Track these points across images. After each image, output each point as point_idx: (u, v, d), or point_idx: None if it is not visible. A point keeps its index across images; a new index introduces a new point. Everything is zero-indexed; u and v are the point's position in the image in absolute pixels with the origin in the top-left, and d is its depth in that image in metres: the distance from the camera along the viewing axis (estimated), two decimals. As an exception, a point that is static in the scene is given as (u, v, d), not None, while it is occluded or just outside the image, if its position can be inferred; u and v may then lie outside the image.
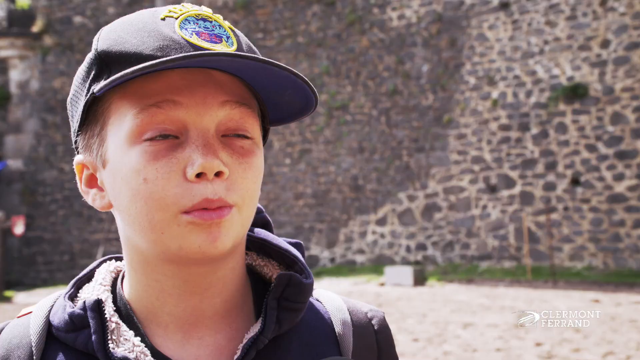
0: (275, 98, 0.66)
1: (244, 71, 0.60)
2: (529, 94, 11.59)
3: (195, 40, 0.59)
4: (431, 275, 11.36)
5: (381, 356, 0.73)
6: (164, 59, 0.54)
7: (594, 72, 11.02)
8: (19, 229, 13.21)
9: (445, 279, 11.01)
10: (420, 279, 10.85)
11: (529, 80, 11.60)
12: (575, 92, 11.07)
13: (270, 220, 0.75)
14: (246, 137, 0.62)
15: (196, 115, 0.59)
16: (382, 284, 10.96)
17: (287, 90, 0.63)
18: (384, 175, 12.82)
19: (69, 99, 0.66)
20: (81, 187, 0.66)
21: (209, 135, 0.59)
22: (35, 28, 15.56)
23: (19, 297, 12.00)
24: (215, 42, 0.60)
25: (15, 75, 15.64)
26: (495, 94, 11.89)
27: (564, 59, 11.27)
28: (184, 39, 0.59)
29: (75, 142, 0.66)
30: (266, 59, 0.57)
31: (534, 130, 11.47)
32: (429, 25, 12.62)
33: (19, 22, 15.53)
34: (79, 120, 0.63)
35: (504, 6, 11.86)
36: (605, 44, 10.94)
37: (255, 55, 0.57)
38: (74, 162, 0.67)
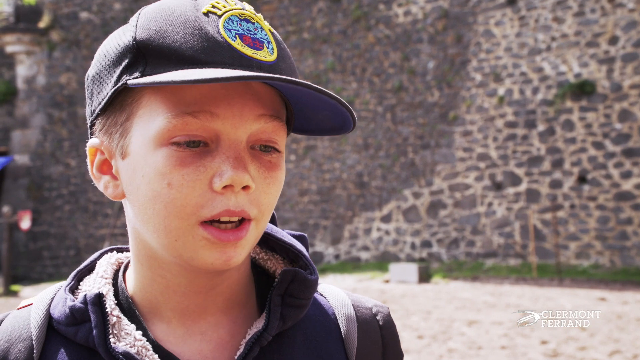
0: (309, 113, 0.65)
1: (285, 87, 0.60)
2: (535, 90, 11.52)
3: (238, 44, 0.58)
4: (436, 273, 11.34)
5: (386, 352, 0.73)
6: (215, 76, 0.52)
7: (602, 68, 10.94)
8: (25, 223, 13.28)
9: (450, 277, 10.99)
10: (425, 276, 10.83)
11: (536, 77, 11.53)
12: (583, 89, 11.00)
13: (275, 213, 0.73)
14: (275, 150, 0.62)
15: (231, 127, 0.58)
16: (387, 281, 10.95)
17: (325, 111, 0.63)
18: (389, 172, 12.80)
19: (90, 74, 0.64)
20: (92, 171, 0.65)
21: (241, 147, 0.59)
22: (42, 24, 15.61)
23: (26, 291, 12.07)
24: (257, 49, 0.59)
25: (22, 70, 15.70)
26: (501, 91, 11.83)
27: (572, 55, 11.20)
28: (228, 42, 0.58)
29: (93, 123, 0.64)
30: (314, 85, 0.56)
31: (541, 127, 11.41)
32: (435, 22, 12.56)
33: (25, 18, 15.58)
34: (103, 104, 0.61)
35: (511, 2, 11.79)
36: (613, 40, 10.86)
37: (307, 82, 0.56)
38: (88, 145, 0.65)
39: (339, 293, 0.75)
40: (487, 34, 12.05)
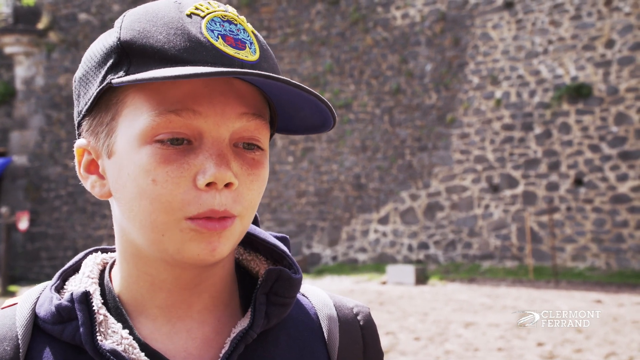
0: (291, 112, 0.66)
1: (266, 86, 0.60)
2: (532, 93, 11.57)
3: (220, 44, 0.59)
4: (433, 274, 11.36)
5: (367, 351, 0.74)
6: (196, 71, 0.53)
7: (598, 72, 10.99)
8: (23, 224, 13.26)
9: (447, 278, 11.02)
10: (422, 278, 10.86)
11: (533, 80, 11.58)
12: (579, 92, 11.05)
13: (257, 215, 0.74)
14: (258, 148, 0.63)
15: (213, 125, 0.59)
16: (384, 283, 10.97)
17: (306, 109, 0.64)
18: (386, 174, 12.83)
19: (77, 76, 0.65)
20: (80, 171, 0.66)
21: (224, 145, 0.60)
22: (41, 25, 15.61)
23: (23, 292, 12.04)
24: (239, 49, 0.60)
25: (21, 71, 15.69)
26: (498, 94, 11.88)
27: (568, 58, 11.25)
28: (210, 42, 0.59)
29: (79, 124, 0.65)
30: (293, 81, 0.57)
31: (537, 130, 11.46)
32: (433, 24, 12.61)
33: (24, 19, 15.57)
34: (89, 104, 0.62)
35: (508, 6, 11.84)
36: (609, 44, 10.91)
37: (285, 78, 0.57)
38: (75, 145, 0.66)
39: (321, 294, 0.76)
40: (484, 37, 12.10)
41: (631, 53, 10.74)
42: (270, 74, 0.55)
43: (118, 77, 0.58)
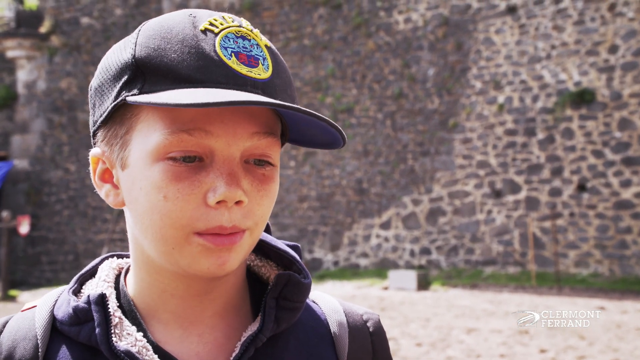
0: (302, 129, 0.67)
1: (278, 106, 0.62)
2: (535, 98, 11.54)
3: (233, 63, 0.60)
4: (435, 280, 11.31)
5: (376, 358, 0.75)
6: (207, 101, 0.54)
7: (602, 77, 10.95)
8: (24, 228, 13.25)
9: (449, 284, 10.96)
10: (424, 284, 10.80)
11: (536, 85, 11.54)
12: (582, 98, 11.01)
13: (269, 223, 0.75)
14: (269, 164, 0.64)
15: (225, 144, 0.60)
16: (386, 288, 10.92)
17: (316, 129, 0.65)
18: (388, 178, 12.79)
19: (93, 85, 0.66)
20: (94, 179, 0.67)
21: (234, 163, 0.61)
22: (43, 29, 15.65)
23: (23, 296, 12.02)
24: (252, 66, 0.61)
25: (23, 75, 15.72)
26: (501, 99, 11.84)
27: (571, 64, 11.22)
28: (223, 60, 0.60)
29: (95, 133, 0.67)
30: (302, 108, 0.58)
31: (540, 135, 11.42)
32: (436, 29, 12.60)
33: (26, 23, 15.61)
34: (104, 117, 0.64)
35: (511, 10, 11.82)
36: (613, 49, 10.88)
37: (293, 105, 0.57)
38: (91, 154, 0.67)
39: (330, 300, 0.77)
40: (487, 41, 12.07)
41: (635, 58, 10.70)
42: (278, 102, 0.57)
43: (132, 95, 0.60)
